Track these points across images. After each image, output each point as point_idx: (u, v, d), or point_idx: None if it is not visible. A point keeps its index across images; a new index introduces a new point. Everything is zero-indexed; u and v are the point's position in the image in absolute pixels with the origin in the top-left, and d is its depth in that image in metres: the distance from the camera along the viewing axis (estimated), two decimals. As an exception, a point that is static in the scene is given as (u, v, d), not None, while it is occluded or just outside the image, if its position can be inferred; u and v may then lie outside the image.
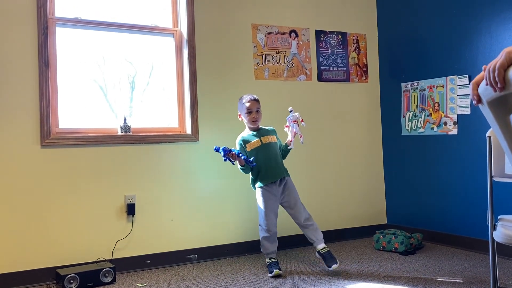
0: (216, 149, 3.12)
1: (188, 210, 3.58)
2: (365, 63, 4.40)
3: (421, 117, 4.00)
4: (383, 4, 4.42)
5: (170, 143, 3.54)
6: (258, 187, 3.28)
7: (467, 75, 3.61)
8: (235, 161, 3.15)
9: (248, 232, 3.73)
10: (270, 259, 3.20)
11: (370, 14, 4.46)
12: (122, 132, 3.42)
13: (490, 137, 2.32)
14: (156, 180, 3.49)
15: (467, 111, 3.61)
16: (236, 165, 3.23)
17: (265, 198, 3.24)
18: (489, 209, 2.30)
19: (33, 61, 3.15)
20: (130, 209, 3.36)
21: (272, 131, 3.40)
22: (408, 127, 4.13)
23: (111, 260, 3.26)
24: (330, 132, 4.20)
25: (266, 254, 3.25)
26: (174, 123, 3.69)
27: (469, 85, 1.30)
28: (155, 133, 3.54)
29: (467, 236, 3.63)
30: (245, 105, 3.27)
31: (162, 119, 3.72)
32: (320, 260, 3.23)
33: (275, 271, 3.07)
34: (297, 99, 4.00)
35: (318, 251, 3.20)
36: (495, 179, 2.34)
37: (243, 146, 3.29)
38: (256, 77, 3.89)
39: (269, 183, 3.25)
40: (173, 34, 3.70)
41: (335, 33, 4.28)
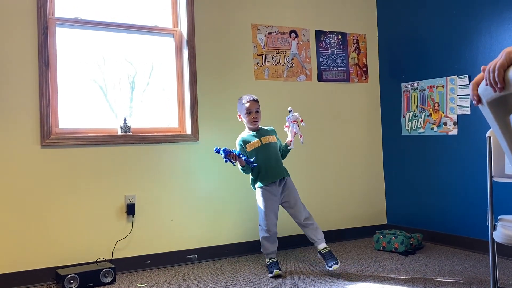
0: (217, 150, 3.11)
1: (188, 210, 3.59)
2: (365, 63, 4.40)
3: (421, 117, 4.00)
4: (383, 4, 4.42)
5: (170, 143, 3.54)
6: (258, 187, 3.28)
7: (467, 75, 3.61)
8: (236, 162, 3.15)
9: (248, 232, 3.73)
10: (270, 259, 3.20)
11: (370, 14, 4.46)
12: (122, 132, 3.42)
13: (490, 137, 2.32)
14: (156, 180, 3.49)
15: (467, 111, 3.61)
16: (236, 166, 3.23)
17: (265, 198, 3.24)
18: (489, 209, 2.30)
19: (33, 61, 3.15)
20: (130, 209, 3.36)
21: (272, 131, 3.40)
22: (408, 127, 4.13)
23: (111, 260, 3.26)
24: (330, 132, 4.20)
25: (266, 254, 3.25)
26: (174, 123, 3.69)
27: (469, 85, 1.30)
28: (155, 133, 3.54)
29: (467, 236, 3.63)
30: (244, 105, 3.27)
31: (162, 119, 3.72)
32: (321, 260, 3.23)
33: (275, 271, 3.07)
34: (297, 99, 4.00)
35: (319, 251, 3.20)
36: (495, 179, 2.34)
37: (243, 146, 3.29)
38: (256, 77, 3.90)
39: (269, 183, 3.26)
40: (173, 34, 3.70)
41: (335, 33, 4.28)
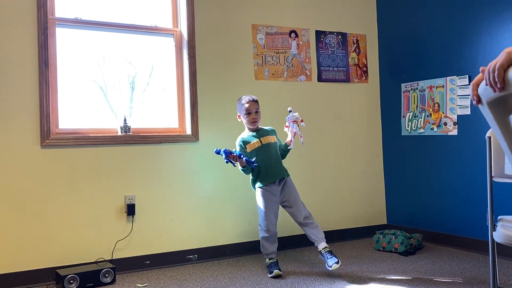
0: (217, 152, 3.11)
1: (188, 210, 3.59)
2: (365, 63, 4.41)
3: (421, 118, 4.00)
4: (383, 4, 4.42)
5: (170, 144, 3.54)
6: (258, 187, 3.28)
7: (467, 76, 3.61)
8: (236, 162, 3.15)
9: (248, 233, 3.73)
10: (270, 260, 3.20)
11: (370, 14, 4.46)
12: (122, 133, 3.42)
13: (490, 138, 2.32)
14: (156, 181, 3.49)
15: (467, 111, 3.61)
16: (237, 166, 3.23)
17: (265, 199, 3.24)
18: (489, 209, 2.30)
19: (33, 61, 3.15)
20: (130, 210, 3.36)
21: (272, 131, 3.40)
22: (408, 127, 4.13)
23: (111, 261, 3.26)
24: (330, 132, 4.20)
25: (266, 254, 3.25)
26: (174, 124, 3.69)
27: (469, 86, 1.30)
28: (155, 134, 3.54)
29: (467, 237, 3.63)
30: (244, 106, 3.27)
31: (162, 119, 3.72)
32: (321, 261, 3.23)
33: (275, 272, 3.07)
34: (297, 99, 4.00)
35: (319, 251, 3.19)
36: (495, 179, 2.34)
37: (243, 147, 3.29)
38: (256, 78, 3.90)
39: (269, 183, 3.26)
40: (173, 34, 3.70)
41: (335, 33, 4.28)
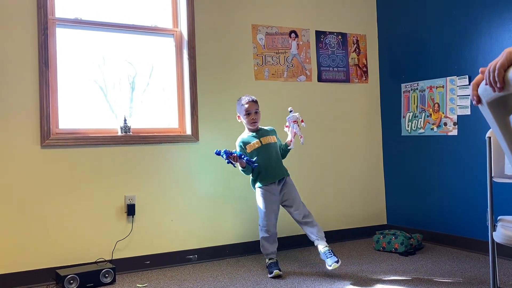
0: (217, 153, 3.10)
1: (188, 210, 3.59)
2: (365, 63, 4.41)
3: (421, 118, 4.00)
4: (383, 4, 4.42)
5: (170, 144, 3.54)
6: (258, 187, 3.28)
7: (467, 76, 3.61)
8: (236, 163, 3.15)
9: (248, 233, 3.73)
10: (270, 260, 3.20)
11: (370, 14, 4.46)
12: (122, 133, 3.42)
13: (490, 138, 2.32)
14: (156, 181, 3.49)
15: (467, 111, 3.61)
16: (237, 167, 3.23)
17: (265, 199, 3.24)
18: (489, 209, 2.30)
19: (33, 61, 3.15)
20: (130, 210, 3.36)
21: (272, 131, 3.40)
22: (408, 127, 4.13)
23: (111, 261, 3.26)
24: (330, 132, 4.20)
25: (265, 254, 3.25)
26: (174, 124, 3.69)
27: (469, 86, 1.31)
28: (155, 134, 3.54)
29: (467, 237, 3.63)
30: (243, 106, 3.27)
31: (162, 119, 3.72)
32: (322, 261, 3.21)
33: (275, 272, 3.07)
34: (297, 99, 4.00)
35: (319, 251, 3.16)
36: (495, 179, 2.34)
37: (243, 147, 3.29)
38: (256, 78, 3.90)
39: (269, 183, 3.26)
40: (173, 34, 3.70)
41: (335, 33, 4.28)
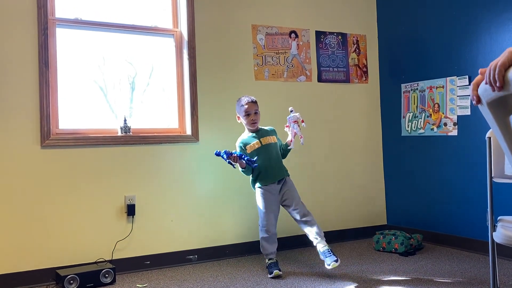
0: (217, 153, 3.10)
1: (188, 210, 3.58)
2: (365, 64, 4.41)
3: (421, 118, 4.00)
4: (383, 5, 4.42)
5: (170, 144, 3.55)
6: (258, 187, 3.28)
7: (467, 76, 3.61)
8: (236, 164, 3.15)
9: (248, 233, 3.73)
10: (270, 260, 3.20)
11: (370, 15, 4.46)
12: (122, 133, 3.42)
13: (490, 138, 2.32)
14: (156, 181, 3.49)
15: (467, 112, 3.61)
16: (237, 168, 3.23)
17: (265, 199, 3.24)
18: (489, 210, 2.30)
19: (34, 61, 3.15)
20: (130, 210, 3.36)
21: (272, 131, 3.40)
22: (408, 128, 4.13)
23: (111, 261, 3.26)
24: (330, 132, 4.20)
25: (265, 255, 3.25)
26: (174, 124, 3.69)
27: (469, 86, 1.31)
28: (155, 134, 3.54)
29: (467, 237, 3.63)
30: (243, 107, 3.27)
31: (162, 119, 3.72)
32: (321, 261, 3.20)
33: (275, 272, 3.07)
34: (297, 100, 4.00)
35: (318, 250, 3.14)
36: (495, 180, 2.34)
37: (243, 148, 3.29)
38: (256, 78, 3.90)
39: (268, 184, 3.26)
40: (173, 34, 3.70)
41: (335, 34, 4.28)
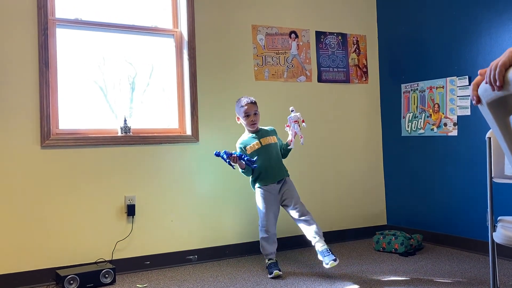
0: (217, 154, 3.10)
1: (188, 210, 3.58)
2: (365, 64, 4.41)
3: (421, 118, 4.00)
4: (383, 5, 4.42)
5: (170, 144, 3.55)
6: (258, 187, 3.28)
7: (467, 76, 3.61)
8: (235, 164, 3.15)
9: (248, 233, 3.73)
10: (270, 260, 3.20)
11: (370, 15, 4.46)
12: (122, 133, 3.42)
13: (490, 138, 2.32)
14: (156, 181, 3.49)
15: (467, 112, 3.61)
16: (236, 169, 3.23)
17: (265, 199, 3.24)
18: (489, 210, 2.30)
19: (34, 61, 3.15)
20: (130, 210, 3.36)
21: (272, 131, 3.40)
22: (408, 128, 4.13)
23: (111, 261, 3.26)
24: (330, 133, 4.20)
25: (265, 255, 3.25)
26: (174, 124, 3.69)
27: (469, 86, 1.31)
28: (155, 134, 3.54)
29: (467, 237, 3.63)
30: (242, 108, 3.27)
31: (162, 120, 3.72)
32: (321, 261, 3.20)
33: (275, 272, 3.07)
34: (297, 100, 4.00)
35: (316, 249, 3.11)
36: (495, 180, 2.34)
37: (243, 149, 3.29)
38: (256, 78, 3.90)
39: (268, 184, 3.26)
40: (173, 35, 3.70)
41: (335, 34, 4.28)
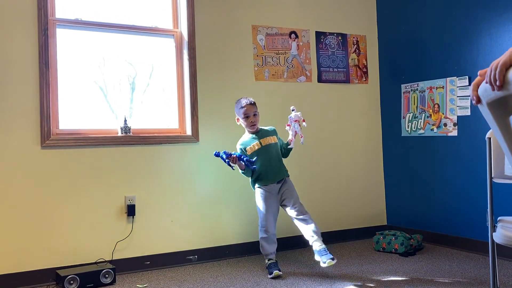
0: (216, 154, 3.10)
1: (188, 211, 3.59)
2: (365, 64, 4.41)
3: (421, 118, 4.00)
4: (383, 5, 4.42)
5: (170, 144, 3.55)
6: (257, 187, 3.28)
7: (467, 77, 3.61)
8: (235, 165, 3.15)
9: (248, 233, 3.73)
10: (269, 260, 3.20)
11: (370, 15, 4.46)
12: (122, 133, 3.42)
13: (489, 139, 2.32)
14: (157, 181, 3.49)
15: (467, 112, 3.61)
16: (236, 169, 3.23)
17: (264, 199, 3.24)
18: (489, 210, 2.30)
19: (34, 62, 3.15)
20: (130, 210, 3.36)
21: (273, 131, 3.40)
22: (408, 128, 4.13)
23: (111, 261, 3.26)
24: (330, 133, 4.20)
25: (265, 255, 3.25)
26: (174, 124, 3.69)
27: (469, 86, 1.31)
28: (155, 134, 3.54)
29: (467, 237, 3.63)
30: (242, 109, 3.27)
31: (162, 120, 3.72)
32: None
33: (275, 272, 3.07)
34: (297, 100, 3.99)
35: (314, 249, 3.08)
36: (495, 180, 2.34)
37: (243, 151, 3.29)
38: (257, 78, 3.90)
39: (268, 184, 3.26)
40: (173, 35, 3.70)
41: (335, 34, 4.28)
